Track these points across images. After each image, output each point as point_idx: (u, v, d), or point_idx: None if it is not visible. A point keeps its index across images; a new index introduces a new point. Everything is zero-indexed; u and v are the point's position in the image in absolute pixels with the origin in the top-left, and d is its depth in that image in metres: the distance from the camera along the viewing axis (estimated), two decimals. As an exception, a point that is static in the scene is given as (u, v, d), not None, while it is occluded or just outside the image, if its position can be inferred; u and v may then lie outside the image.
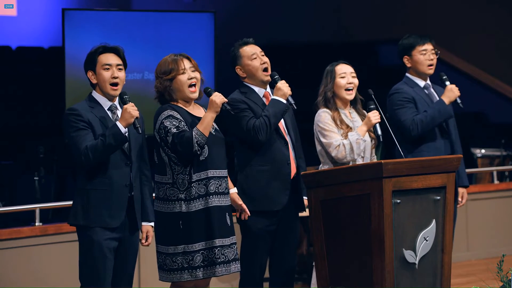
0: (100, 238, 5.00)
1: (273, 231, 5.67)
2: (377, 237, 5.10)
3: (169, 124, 5.20)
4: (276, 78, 5.70)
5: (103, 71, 5.09)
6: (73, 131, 4.99)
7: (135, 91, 7.24)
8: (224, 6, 12.70)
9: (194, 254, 5.20)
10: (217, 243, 5.22)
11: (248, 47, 5.73)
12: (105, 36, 7.47)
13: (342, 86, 5.90)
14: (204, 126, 5.17)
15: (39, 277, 6.76)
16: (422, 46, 6.38)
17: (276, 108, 5.58)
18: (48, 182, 8.34)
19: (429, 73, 6.42)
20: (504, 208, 9.13)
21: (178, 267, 5.22)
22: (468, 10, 12.71)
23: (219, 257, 5.22)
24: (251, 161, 5.62)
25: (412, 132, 6.23)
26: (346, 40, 13.55)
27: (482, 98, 12.40)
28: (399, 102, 6.32)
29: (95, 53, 5.12)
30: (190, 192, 5.22)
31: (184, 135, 5.15)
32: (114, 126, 4.99)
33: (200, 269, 5.21)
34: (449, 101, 6.31)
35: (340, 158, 5.79)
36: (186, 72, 5.28)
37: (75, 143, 4.98)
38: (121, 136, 4.98)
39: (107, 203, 5.03)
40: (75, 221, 5.05)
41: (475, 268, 8.27)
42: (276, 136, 5.66)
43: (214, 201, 5.25)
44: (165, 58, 5.35)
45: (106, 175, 5.03)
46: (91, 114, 5.05)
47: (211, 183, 5.24)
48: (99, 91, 5.13)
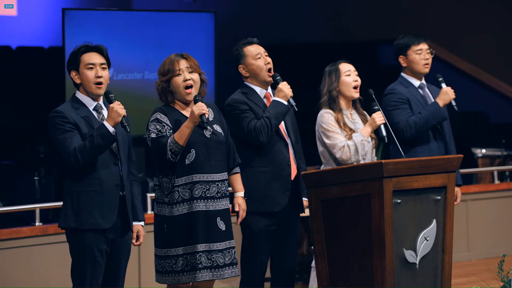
0: (91, 241, 4.95)
1: (274, 231, 5.67)
2: (378, 237, 5.10)
3: (152, 128, 5.21)
4: (278, 79, 5.70)
5: (87, 70, 5.03)
6: (60, 134, 4.93)
7: (135, 91, 7.24)
8: (224, 6, 12.69)
9: (176, 258, 5.19)
10: (199, 248, 5.17)
11: (252, 47, 5.72)
12: (105, 36, 7.47)
13: (348, 84, 5.88)
14: (180, 135, 5.13)
15: (39, 277, 6.76)
16: (417, 45, 6.39)
17: (277, 110, 5.57)
18: (48, 182, 8.33)
19: (425, 72, 6.43)
20: (505, 208, 9.12)
21: (163, 270, 5.24)
22: (468, 10, 12.71)
23: (201, 262, 5.17)
24: (252, 162, 5.62)
25: (406, 134, 6.24)
26: (346, 40, 13.55)
27: (482, 98, 12.40)
28: (393, 103, 6.32)
29: (77, 52, 5.05)
30: (173, 196, 5.20)
31: (160, 141, 5.14)
32: (101, 126, 4.94)
33: (184, 274, 5.19)
34: (443, 104, 6.31)
35: (345, 160, 5.78)
36: (182, 73, 5.24)
37: (63, 146, 4.92)
38: (110, 135, 4.92)
39: (98, 204, 4.97)
40: (65, 224, 4.98)
41: (475, 268, 8.26)
42: (277, 137, 5.66)
43: (199, 205, 5.21)
44: (166, 59, 5.34)
45: (95, 175, 4.97)
46: (76, 115, 4.98)
47: (196, 187, 5.20)
48: (83, 91, 5.06)
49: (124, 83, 7.38)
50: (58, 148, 4.96)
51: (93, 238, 4.96)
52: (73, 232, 4.99)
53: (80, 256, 4.99)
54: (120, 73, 7.58)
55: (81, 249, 4.97)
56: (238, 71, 5.74)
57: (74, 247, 5.02)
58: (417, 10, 13.01)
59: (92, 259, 4.97)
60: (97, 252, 4.97)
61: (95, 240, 4.96)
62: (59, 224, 5.05)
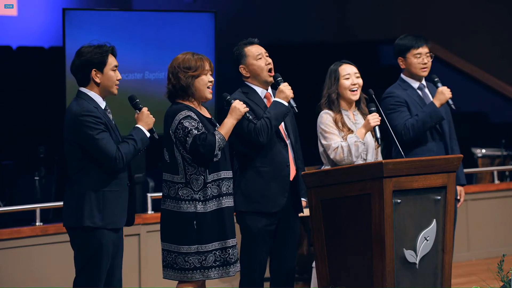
0: (108, 240, 4.97)
1: (273, 231, 5.68)
2: (378, 237, 5.10)
3: (188, 124, 5.20)
4: (279, 80, 5.70)
5: (112, 72, 5.08)
6: (97, 134, 4.92)
7: (135, 91, 7.23)
8: (225, 6, 12.70)
9: (207, 254, 5.23)
10: (230, 243, 5.28)
11: (253, 47, 5.72)
12: (105, 36, 7.45)
13: (346, 87, 5.89)
14: (225, 131, 5.26)
15: (39, 277, 6.76)
16: (417, 49, 6.37)
17: (277, 111, 5.58)
18: (48, 182, 8.34)
19: (423, 75, 6.42)
20: (505, 208, 9.13)
21: (190, 266, 5.23)
22: (468, 10, 12.71)
23: (232, 257, 5.27)
24: (251, 162, 5.63)
25: (404, 136, 6.23)
26: (346, 40, 13.56)
27: (482, 98, 12.41)
28: (391, 106, 6.32)
29: (104, 53, 5.05)
30: (205, 193, 5.24)
31: (206, 137, 5.18)
32: (139, 130, 5.05)
33: (213, 269, 5.24)
34: (440, 104, 6.30)
35: (339, 160, 5.78)
36: (207, 74, 5.32)
37: (104, 146, 4.92)
38: (148, 141, 5.08)
39: (120, 203, 5.04)
40: (91, 222, 4.94)
41: (475, 268, 8.26)
42: (276, 138, 5.66)
43: (226, 202, 5.30)
44: (187, 54, 5.32)
45: (118, 176, 5.02)
46: (101, 115, 5.00)
47: (224, 184, 5.30)
48: (97, 90, 5.06)
49: (124, 83, 7.36)
50: (95, 148, 4.92)
51: (109, 237, 4.99)
52: (92, 230, 4.96)
53: (95, 255, 4.96)
54: (120, 73, 7.57)
55: (99, 248, 4.96)
56: (238, 71, 5.75)
57: (88, 247, 4.97)
58: (417, 10, 13.02)
59: (107, 258, 4.99)
60: (109, 253, 5.00)
61: (111, 239, 5.00)
62: (83, 223, 4.94)
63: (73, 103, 5.04)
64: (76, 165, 4.99)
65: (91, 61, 5.03)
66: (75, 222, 4.97)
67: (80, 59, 5.05)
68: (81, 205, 4.96)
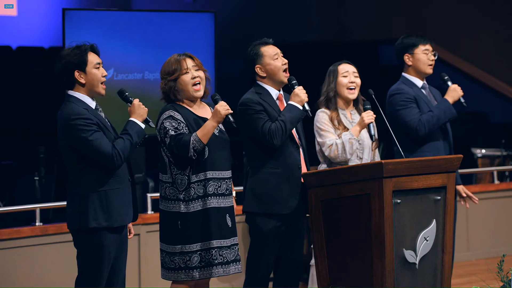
0: (109, 241, 4.96)
1: (283, 232, 5.66)
2: (378, 237, 5.10)
3: (168, 125, 5.22)
4: (294, 83, 5.68)
5: (96, 70, 5.01)
6: (89, 135, 4.89)
7: (135, 91, 7.23)
8: (225, 6, 12.71)
9: (191, 254, 5.23)
10: (215, 244, 5.24)
11: (269, 47, 5.71)
12: (105, 36, 7.47)
13: (344, 85, 5.89)
14: (203, 133, 5.20)
15: (39, 277, 6.76)
16: (425, 45, 6.38)
17: (292, 114, 5.56)
18: (48, 182, 8.34)
19: (429, 72, 6.42)
20: (505, 208, 9.12)
21: (175, 266, 5.25)
22: (469, 10, 12.71)
23: (216, 258, 5.24)
24: (263, 163, 5.60)
25: (420, 132, 6.21)
26: (346, 40, 13.55)
27: (483, 98, 12.40)
28: (402, 102, 6.30)
29: (82, 53, 5.00)
30: (189, 193, 5.24)
31: (181, 138, 5.18)
32: (134, 124, 5.02)
33: (197, 270, 5.23)
34: (453, 101, 6.32)
35: (333, 158, 5.79)
36: (189, 71, 5.30)
37: (98, 147, 4.89)
38: (143, 132, 5.05)
39: (123, 201, 5.02)
40: (97, 223, 4.92)
41: (475, 268, 8.26)
42: (289, 140, 5.65)
43: (213, 202, 5.26)
44: (169, 59, 5.36)
45: (116, 173, 5.00)
46: (92, 116, 4.96)
47: (210, 184, 5.26)
48: (83, 91, 5.00)
49: (124, 83, 7.37)
50: (91, 149, 4.89)
51: (111, 238, 4.96)
52: (95, 231, 4.94)
53: (96, 256, 4.95)
54: (120, 73, 7.58)
55: (100, 249, 4.95)
56: (253, 71, 5.70)
57: (90, 247, 4.96)
58: (417, 10, 13.01)
59: (108, 259, 4.97)
60: (111, 253, 4.99)
61: (113, 239, 4.98)
62: (89, 225, 4.92)
63: (62, 107, 5.00)
64: (74, 168, 4.97)
65: (72, 62, 4.98)
66: (80, 224, 4.96)
67: (61, 63, 4.99)
68: (84, 207, 4.94)
